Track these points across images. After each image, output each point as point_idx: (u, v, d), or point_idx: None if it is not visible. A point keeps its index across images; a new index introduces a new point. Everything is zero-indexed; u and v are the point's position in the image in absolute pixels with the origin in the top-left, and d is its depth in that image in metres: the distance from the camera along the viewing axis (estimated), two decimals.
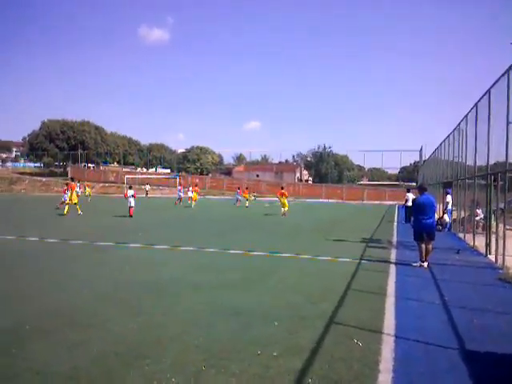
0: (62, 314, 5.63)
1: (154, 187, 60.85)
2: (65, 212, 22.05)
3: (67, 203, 22.60)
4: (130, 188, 23.04)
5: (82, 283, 7.40)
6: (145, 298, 6.51)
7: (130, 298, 6.45)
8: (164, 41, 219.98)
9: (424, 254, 9.46)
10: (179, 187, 35.57)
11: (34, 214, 23.82)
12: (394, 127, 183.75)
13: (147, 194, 51.94)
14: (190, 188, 33.37)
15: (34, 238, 12.97)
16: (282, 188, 25.94)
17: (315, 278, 8.11)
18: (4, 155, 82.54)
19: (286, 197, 25.23)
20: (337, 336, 4.94)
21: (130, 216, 21.45)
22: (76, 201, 22.82)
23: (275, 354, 4.37)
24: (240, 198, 35.04)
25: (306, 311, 5.92)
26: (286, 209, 24.63)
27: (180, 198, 34.53)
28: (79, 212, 22.28)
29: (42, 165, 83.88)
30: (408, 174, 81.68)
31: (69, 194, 22.67)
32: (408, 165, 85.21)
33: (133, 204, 22.00)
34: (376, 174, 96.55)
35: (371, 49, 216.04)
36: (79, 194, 26.47)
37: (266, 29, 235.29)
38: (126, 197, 22.81)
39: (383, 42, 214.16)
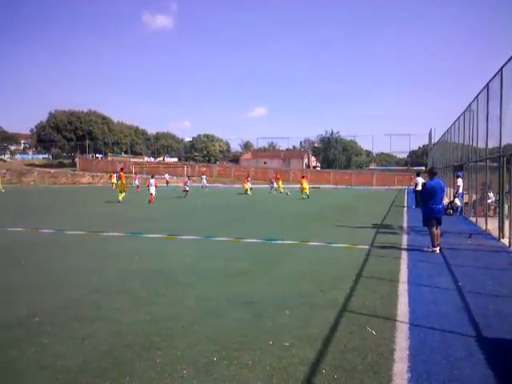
0: (71, 306, 5.60)
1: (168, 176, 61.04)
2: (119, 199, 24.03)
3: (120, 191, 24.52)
4: (152, 177, 25.34)
5: (91, 274, 7.36)
6: (154, 288, 6.45)
7: (138, 289, 6.40)
8: (168, 27, 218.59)
9: (436, 239, 9.33)
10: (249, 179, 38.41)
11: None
12: (403, 110, 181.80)
13: (167, 183, 52.28)
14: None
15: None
16: (303, 177, 31.67)
17: (325, 266, 8.02)
18: (13, 147, 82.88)
19: (307, 182, 31.11)
20: (349, 325, 4.85)
21: (150, 203, 23.41)
22: (121, 188, 24.62)
23: (287, 344, 4.30)
24: (275, 185, 38.18)
25: (318, 299, 5.84)
26: (306, 191, 29.48)
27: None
28: (120, 200, 23.92)
29: (51, 156, 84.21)
30: (417, 158, 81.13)
31: (119, 182, 25.07)
32: (417, 149, 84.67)
33: (152, 192, 24.05)
34: (384, 158, 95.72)
35: (376, 29, 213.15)
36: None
37: (270, 14, 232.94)
38: (148, 186, 25.14)
39: (387, 20, 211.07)
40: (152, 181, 24.59)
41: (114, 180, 42.18)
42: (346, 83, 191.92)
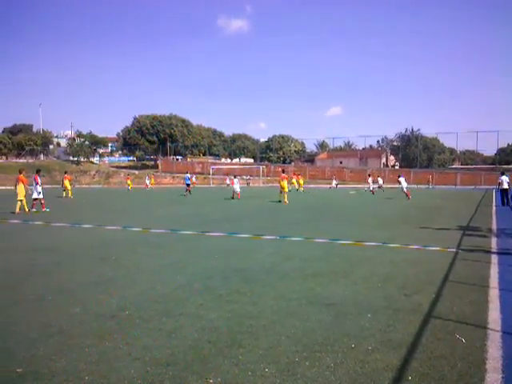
0: (158, 301, 5.86)
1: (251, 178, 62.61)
2: (285, 200, 25.40)
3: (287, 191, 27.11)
4: (235, 177, 30.62)
5: (175, 271, 7.66)
6: (235, 286, 6.58)
7: (220, 287, 6.56)
8: (243, 30, 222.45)
9: None
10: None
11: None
12: (490, 104, 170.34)
13: (249, 184, 53.54)
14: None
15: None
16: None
17: (408, 269, 7.71)
18: (101, 150, 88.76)
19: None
20: (435, 331, 4.65)
21: (232, 198, 28.64)
22: (287, 189, 27.25)
23: (370, 348, 4.21)
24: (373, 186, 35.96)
25: (400, 303, 5.65)
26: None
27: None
28: (286, 201, 25.44)
29: (135, 158, 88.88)
30: (506, 156, 75.78)
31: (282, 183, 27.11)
32: (506, 146, 79.14)
33: (238, 190, 29.21)
34: (469, 157, 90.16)
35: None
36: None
37: (344, 11, 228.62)
38: (232, 185, 29.97)
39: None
40: (235, 180, 29.82)
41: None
42: (427, 74, 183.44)
